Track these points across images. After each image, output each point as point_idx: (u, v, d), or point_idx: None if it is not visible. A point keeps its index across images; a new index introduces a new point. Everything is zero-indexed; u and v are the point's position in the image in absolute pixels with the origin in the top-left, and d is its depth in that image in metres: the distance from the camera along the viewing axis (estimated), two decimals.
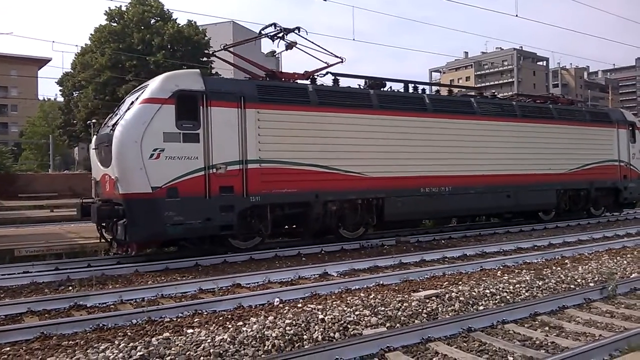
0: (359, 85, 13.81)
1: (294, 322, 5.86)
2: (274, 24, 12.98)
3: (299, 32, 12.94)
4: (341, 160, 12.31)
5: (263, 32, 13.28)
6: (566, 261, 9.95)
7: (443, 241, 13.32)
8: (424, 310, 6.49)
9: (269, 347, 5.26)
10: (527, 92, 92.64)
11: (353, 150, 12.48)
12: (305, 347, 5.29)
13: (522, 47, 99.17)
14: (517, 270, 9.06)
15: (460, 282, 8.12)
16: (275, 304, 7.06)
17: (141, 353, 4.94)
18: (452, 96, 16.31)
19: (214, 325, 6.06)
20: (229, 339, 5.33)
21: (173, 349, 5.08)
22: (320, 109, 12.14)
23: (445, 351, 5.22)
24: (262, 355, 5.07)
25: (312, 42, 13.12)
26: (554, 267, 9.23)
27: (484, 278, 8.41)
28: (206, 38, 45.45)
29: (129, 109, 10.48)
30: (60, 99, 54.59)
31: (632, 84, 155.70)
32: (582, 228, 15.90)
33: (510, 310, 6.40)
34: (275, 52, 14.54)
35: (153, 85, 10.64)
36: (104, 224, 11.16)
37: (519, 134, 15.80)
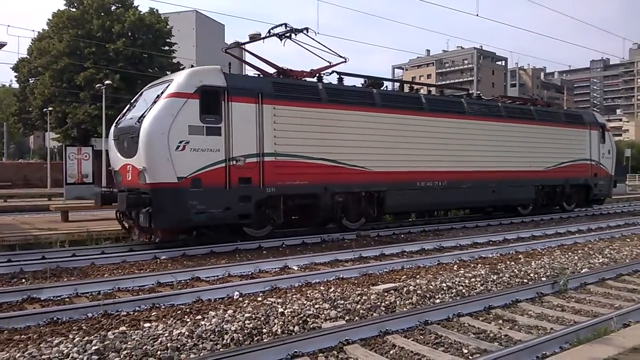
0: (362, 84, 14.81)
1: (253, 315, 5.86)
2: (285, 24, 13.34)
3: (307, 32, 13.32)
4: (347, 155, 13.01)
5: (272, 31, 13.52)
6: (520, 256, 10.25)
7: (402, 235, 13.52)
8: (383, 304, 6.59)
9: (228, 341, 5.24)
10: (486, 90, 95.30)
11: (358, 146, 13.21)
12: (265, 340, 5.30)
13: (482, 46, 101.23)
14: (472, 265, 9.29)
15: (418, 276, 8.27)
16: (235, 297, 7.04)
17: (96, 347, 4.84)
18: (445, 96, 17.43)
19: (172, 319, 5.99)
20: (187, 333, 5.29)
21: (129, 343, 5.01)
22: (329, 106, 12.83)
23: (403, 344, 5.32)
24: (221, 349, 5.05)
25: (319, 42, 13.48)
26: (508, 262, 9.50)
27: (441, 272, 8.59)
28: (168, 27, 44.65)
29: (154, 102, 10.83)
30: (15, 85, 52.77)
31: (586, 85, 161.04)
32: (546, 223, 16.42)
33: (465, 303, 6.56)
34: (239, 42, 14.39)
35: (179, 80, 11.06)
36: (123, 213, 11.64)
37: (504, 133, 16.86)
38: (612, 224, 15.93)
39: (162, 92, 10.93)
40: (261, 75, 12.94)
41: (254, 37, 13.02)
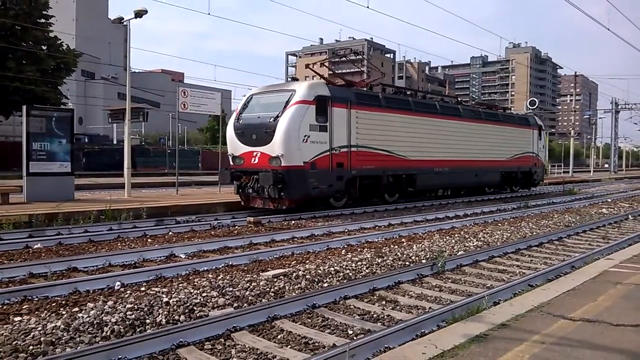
0: (402, 92, 20.01)
1: (136, 306, 5.61)
2: (351, 50, 20.50)
3: (363, 54, 17.58)
4: (396, 147, 17.36)
5: (341, 52, 19.20)
6: (403, 240, 10.74)
7: (293, 222, 13.62)
8: (272, 289, 6.59)
9: (108, 334, 4.98)
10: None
11: (401, 140, 17.55)
12: (148, 331, 5.09)
13: (372, 38, 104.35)
14: (359, 249, 9.59)
15: (307, 261, 8.38)
16: (116, 288, 6.69)
17: None
18: (451, 103, 22.32)
19: (45, 312, 5.58)
20: (62, 326, 4.96)
21: None
22: (386, 110, 17.16)
23: (291, 328, 5.36)
24: (100, 342, 4.78)
25: (366, 59, 17.65)
26: (392, 246, 9.92)
27: (330, 257, 8.77)
28: None
29: (285, 107, 14.27)
30: None
31: (467, 80, 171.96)
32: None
33: (352, 286, 6.75)
34: (122, 18, 13.60)
35: (302, 91, 14.61)
36: (242, 187, 15.04)
37: (484, 132, 22.00)
38: (485, 209, 17.20)
39: (288, 100, 14.42)
40: (348, 87, 17.05)
41: (139, 13, 12.32)
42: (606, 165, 74.95)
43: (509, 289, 6.69)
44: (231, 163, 15.70)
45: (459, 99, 25.22)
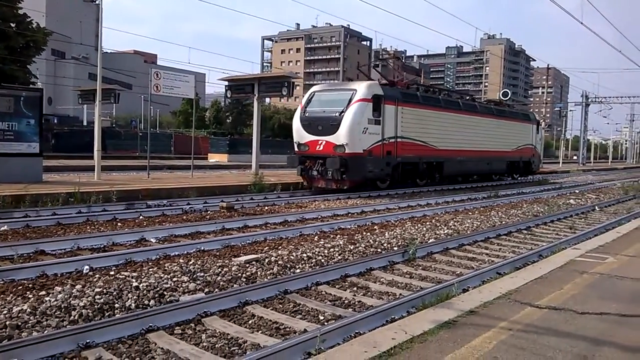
0: (430, 90, 23.00)
1: (104, 290, 5.53)
2: (393, 54, 25.60)
3: (404, 58, 19.30)
4: (429, 138, 20.06)
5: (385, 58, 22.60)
6: (375, 227, 10.81)
7: (267, 207, 13.58)
8: (244, 275, 6.58)
9: (76, 317, 4.91)
10: (352, 69, 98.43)
11: (433, 132, 20.28)
12: (117, 316, 5.03)
13: (349, 25, 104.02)
14: (332, 236, 9.62)
15: (280, 247, 8.37)
16: (84, 272, 6.57)
17: None
18: (470, 101, 25.40)
19: (11, 295, 5.46)
20: (29, 310, 4.89)
21: None
22: (422, 106, 19.91)
23: (262, 313, 5.36)
24: (68, 326, 4.71)
25: (404, 64, 18.53)
26: (364, 233, 9.97)
27: (303, 243, 8.78)
28: None
29: (348, 104, 16.83)
30: None
31: (442, 70, 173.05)
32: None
33: (324, 272, 6.77)
34: None
35: (363, 90, 17.16)
36: (306, 170, 17.62)
37: (494, 126, 24.99)
38: (457, 198, 17.42)
39: (350, 98, 16.99)
40: (390, 86, 19.17)
41: None
42: (575, 157, 76.53)
43: (478, 276, 6.81)
44: (296, 149, 18.17)
45: (473, 96, 29.58)
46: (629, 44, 67.68)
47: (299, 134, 17.96)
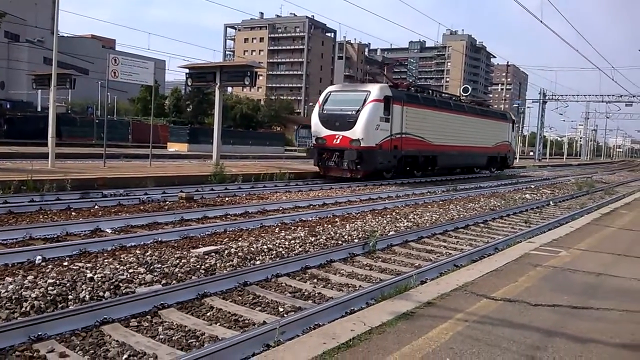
0: (424, 91, 25.69)
1: (57, 281, 5.37)
2: (399, 62, 34.01)
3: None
4: (427, 134, 22.46)
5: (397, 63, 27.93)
6: (336, 219, 10.84)
7: (227, 198, 13.44)
8: (203, 266, 6.49)
9: (27, 309, 4.76)
10: (316, 60, 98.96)
11: (430, 129, 22.66)
12: (70, 307, 4.89)
13: (313, 16, 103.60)
14: (293, 227, 9.60)
15: (240, 239, 8.29)
16: (37, 262, 6.35)
17: None
18: (458, 101, 28.36)
19: None
20: None
21: None
22: (422, 106, 22.42)
23: (221, 305, 5.30)
24: (19, 318, 4.55)
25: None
26: (326, 225, 9.99)
27: (263, 234, 8.73)
28: None
29: (364, 103, 19.20)
30: None
31: (405, 64, 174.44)
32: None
33: (284, 264, 6.76)
34: None
35: (376, 92, 19.56)
36: (322, 160, 19.98)
37: (478, 124, 27.76)
38: (417, 192, 17.64)
39: (365, 98, 19.36)
40: (395, 87, 21.84)
41: None
42: (531, 153, 78.66)
43: (436, 268, 6.91)
44: (314, 142, 20.67)
45: (459, 96, 31.78)
46: (587, 44, 69.91)
47: (317, 129, 20.21)
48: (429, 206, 13.80)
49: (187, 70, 21.67)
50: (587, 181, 26.36)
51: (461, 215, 12.46)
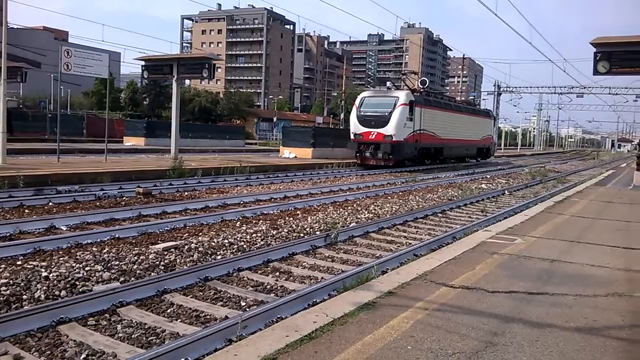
0: (432, 94, 31.86)
1: (11, 281, 5.21)
2: (408, 71, 37.30)
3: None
4: (436, 130, 27.51)
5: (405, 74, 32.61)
6: (298, 212, 10.85)
7: (187, 193, 13.26)
8: (162, 263, 6.40)
9: None
10: (275, 53, 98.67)
11: (438, 126, 27.74)
12: (25, 307, 4.74)
13: (272, 7, 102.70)
14: (255, 221, 9.55)
15: (200, 233, 8.21)
16: None
17: None
18: (457, 102, 35.55)
19: None
20: None
21: None
22: (433, 107, 27.65)
23: (181, 301, 5.24)
24: None
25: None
26: (287, 218, 9.98)
27: (224, 229, 8.66)
28: None
29: (394, 107, 24.15)
30: None
31: (364, 57, 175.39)
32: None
33: (246, 258, 6.72)
34: None
35: (403, 98, 24.60)
36: (362, 151, 25.07)
37: (469, 121, 33.39)
38: (377, 183, 17.82)
39: (395, 102, 24.30)
40: (412, 92, 26.43)
41: None
42: None
43: (396, 258, 7.01)
44: (352, 137, 25.30)
45: (454, 97, 40.61)
46: (539, 36, 71.82)
47: (356, 127, 25.16)
48: (389, 197, 13.96)
49: (143, 63, 21.22)
50: (540, 170, 27.16)
51: (420, 206, 12.66)
